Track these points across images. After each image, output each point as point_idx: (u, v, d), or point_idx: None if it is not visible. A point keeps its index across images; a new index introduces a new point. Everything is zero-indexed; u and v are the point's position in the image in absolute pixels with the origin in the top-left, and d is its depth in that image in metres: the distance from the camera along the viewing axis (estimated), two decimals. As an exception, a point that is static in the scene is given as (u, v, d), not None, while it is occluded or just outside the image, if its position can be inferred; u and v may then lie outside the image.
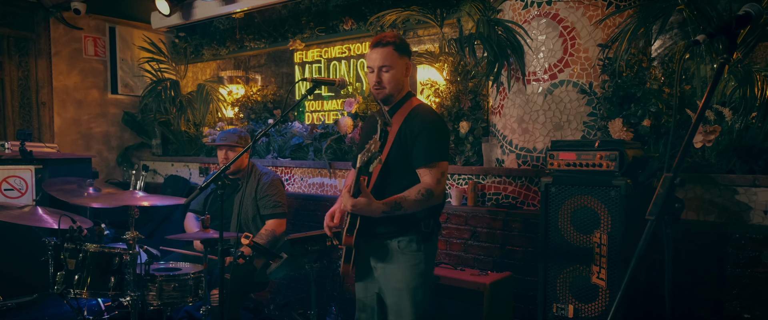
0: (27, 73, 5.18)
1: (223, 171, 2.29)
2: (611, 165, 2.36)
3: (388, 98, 2.26)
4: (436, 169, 2.17)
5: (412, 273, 2.24)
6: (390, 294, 2.28)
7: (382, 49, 2.19)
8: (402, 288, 2.24)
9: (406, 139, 2.18)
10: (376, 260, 2.30)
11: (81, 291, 2.76)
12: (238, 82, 5.51)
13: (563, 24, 3.07)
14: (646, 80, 2.91)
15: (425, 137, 2.17)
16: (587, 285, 2.41)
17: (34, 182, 3.84)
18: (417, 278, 2.25)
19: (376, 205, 2.05)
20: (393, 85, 2.22)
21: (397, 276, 2.24)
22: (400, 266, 2.24)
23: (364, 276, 2.39)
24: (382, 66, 2.19)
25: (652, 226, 1.33)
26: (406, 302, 2.24)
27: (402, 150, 2.19)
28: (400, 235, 2.23)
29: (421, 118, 2.20)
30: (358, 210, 2.05)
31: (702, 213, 2.69)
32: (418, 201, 2.13)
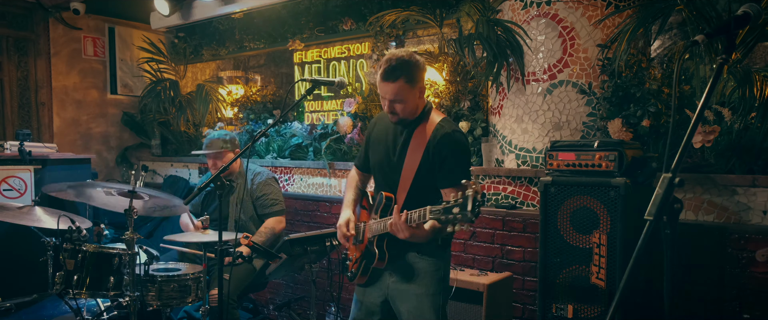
0: (26, 73, 5.18)
1: (218, 175, 2.28)
2: (610, 165, 2.36)
3: (403, 122, 2.22)
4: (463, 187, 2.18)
5: (431, 279, 2.22)
6: (408, 301, 2.23)
7: (393, 85, 2.11)
8: (422, 293, 2.21)
9: (434, 160, 2.15)
10: (391, 270, 2.27)
11: (80, 292, 2.76)
12: (238, 82, 5.51)
13: (562, 24, 3.07)
14: (646, 80, 2.91)
15: (455, 159, 2.15)
16: (586, 286, 2.41)
17: (33, 182, 3.84)
18: (437, 284, 2.24)
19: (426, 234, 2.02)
20: (407, 112, 2.18)
21: (416, 282, 2.22)
22: (419, 273, 2.22)
23: (370, 283, 2.35)
24: (394, 100, 2.14)
25: (650, 227, 1.33)
26: (427, 308, 2.21)
27: (431, 170, 2.17)
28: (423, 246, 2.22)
29: (449, 138, 2.15)
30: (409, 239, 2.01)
31: (701, 214, 2.69)
32: None
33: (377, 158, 2.34)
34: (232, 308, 3.18)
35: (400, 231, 1.99)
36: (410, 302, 2.23)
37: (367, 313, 2.38)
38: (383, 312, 2.36)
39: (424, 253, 2.23)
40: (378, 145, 2.34)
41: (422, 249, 2.23)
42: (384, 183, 2.29)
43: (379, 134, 2.36)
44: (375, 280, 2.34)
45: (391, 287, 2.29)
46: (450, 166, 2.14)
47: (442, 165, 2.14)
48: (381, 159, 2.31)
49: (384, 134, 2.33)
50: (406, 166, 2.17)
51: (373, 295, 2.36)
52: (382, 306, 2.34)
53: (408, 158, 2.18)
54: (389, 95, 2.13)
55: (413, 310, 2.23)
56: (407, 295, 2.24)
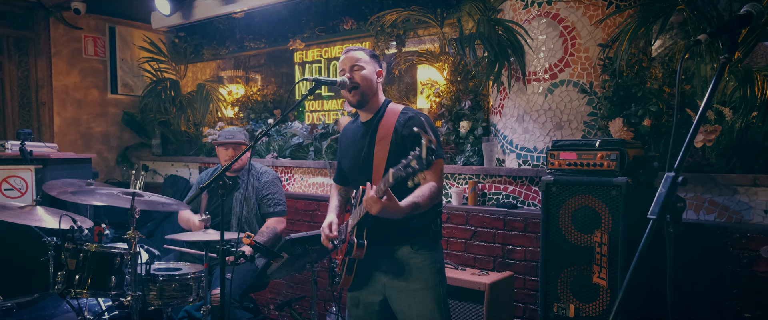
0: (27, 72, 5.18)
1: (225, 171, 2.29)
2: (612, 164, 2.36)
3: (364, 99, 2.26)
4: (436, 167, 2.18)
5: (429, 273, 2.22)
6: (408, 297, 2.22)
7: (353, 52, 2.27)
8: (421, 287, 2.21)
9: (404, 142, 2.19)
10: (385, 269, 2.26)
11: (81, 291, 2.76)
12: (238, 82, 5.51)
13: (563, 24, 3.07)
14: (647, 80, 2.91)
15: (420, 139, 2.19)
16: (588, 285, 2.41)
17: (34, 182, 3.84)
18: (435, 276, 2.24)
19: (400, 207, 2.01)
20: (365, 83, 2.25)
21: (414, 277, 2.21)
22: (415, 268, 2.22)
23: (363, 285, 2.33)
24: (354, 65, 2.25)
25: (653, 226, 1.34)
26: (429, 301, 2.20)
27: (400, 152, 2.17)
28: (413, 238, 2.23)
29: (414, 120, 2.21)
30: (383, 211, 1.99)
31: (702, 213, 2.69)
32: (431, 199, 2.13)
33: (349, 164, 2.38)
34: (233, 308, 3.18)
35: (373, 205, 1.96)
36: (410, 297, 2.22)
37: (366, 312, 2.35)
38: (382, 312, 2.33)
39: (419, 247, 2.23)
40: (348, 151, 2.39)
41: (415, 243, 2.23)
42: (362, 181, 2.26)
43: (346, 142, 2.42)
44: (366, 281, 2.31)
45: (387, 286, 2.27)
46: None
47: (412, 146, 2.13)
48: (353, 162, 2.34)
49: (351, 140, 2.38)
50: (376, 157, 2.20)
51: (370, 296, 2.33)
52: (381, 305, 2.32)
53: (377, 149, 2.21)
54: (349, 61, 2.24)
55: (415, 305, 2.21)
56: (406, 292, 2.23)
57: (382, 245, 2.23)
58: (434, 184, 2.15)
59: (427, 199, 2.12)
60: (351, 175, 2.41)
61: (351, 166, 2.37)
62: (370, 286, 2.32)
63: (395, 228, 2.18)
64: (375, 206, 1.96)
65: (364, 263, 2.25)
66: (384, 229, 2.17)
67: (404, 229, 2.20)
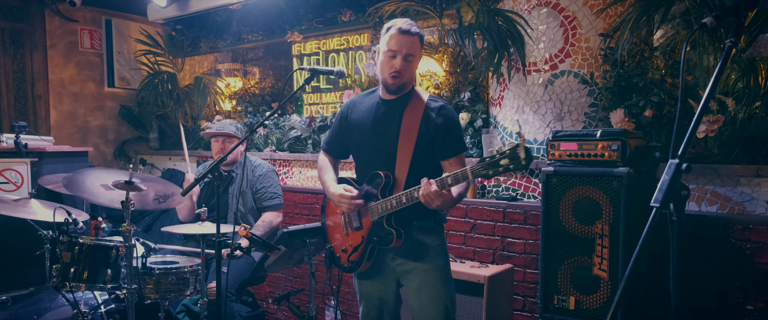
0: (22, 65, 5.14)
1: (219, 163, 2.25)
2: (613, 155, 2.32)
3: (400, 88, 2.20)
4: (463, 157, 2.22)
5: (437, 254, 2.24)
6: (417, 277, 2.23)
7: (412, 37, 2.11)
8: (430, 268, 2.23)
9: (434, 133, 2.15)
10: (394, 253, 2.26)
11: (77, 285, 2.73)
12: (236, 75, 5.47)
13: (564, 13, 3.03)
14: (648, 70, 2.88)
15: (455, 129, 2.20)
16: (589, 277, 2.38)
17: (30, 175, 3.81)
18: (444, 256, 2.27)
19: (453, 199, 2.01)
20: (410, 76, 2.19)
21: (423, 259, 2.22)
22: (425, 249, 2.23)
23: (375, 274, 2.33)
24: (409, 54, 2.12)
25: (657, 214, 1.31)
26: (438, 282, 2.23)
27: (429, 144, 2.17)
28: (424, 220, 2.23)
29: (443, 110, 2.19)
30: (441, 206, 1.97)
31: (705, 204, 2.66)
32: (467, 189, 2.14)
33: (363, 141, 2.29)
34: (230, 301, 3.15)
35: (434, 200, 1.93)
36: (419, 277, 2.24)
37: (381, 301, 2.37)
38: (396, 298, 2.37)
39: (430, 229, 2.25)
40: (361, 127, 2.29)
41: (426, 225, 2.24)
42: (377, 164, 2.22)
43: (360, 116, 2.31)
44: (378, 269, 2.32)
45: (398, 270, 2.29)
46: (452, 136, 2.17)
47: (444, 137, 2.16)
48: (369, 141, 2.26)
49: (367, 116, 2.28)
50: (403, 143, 2.15)
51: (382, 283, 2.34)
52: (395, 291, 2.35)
53: (403, 134, 2.15)
54: (406, 48, 2.09)
55: (424, 286, 2.23)
56: (416, 272, 2.24)
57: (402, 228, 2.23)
58: None
59: (464, 190, 2.11)
60: (364, 154, 2.32)
61: (367, 145, 2.27)
62: (382, 274, 2.33)
63: (414, 215, 2.19)
64: (437, 200, 1.93)
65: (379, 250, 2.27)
66: (406, 217, 2.17)
67: (420, 214, 2.21)
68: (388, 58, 2.13)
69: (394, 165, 2.17)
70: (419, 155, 2.15)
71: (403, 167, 2.15)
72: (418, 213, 2.17)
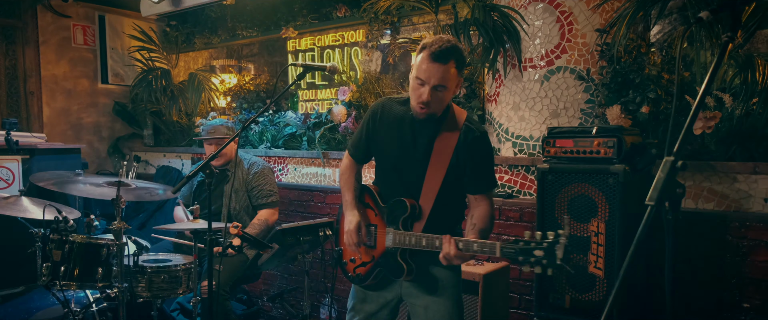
0: (14, 61, 5.08)
1: (209, 161, 2.22)
2: (609, 152, 2.30)
3: (430, 117, 1.98)
4: (492, 193, 2.09)
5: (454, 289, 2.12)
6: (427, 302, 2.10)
7: (443, 67, 1.84)
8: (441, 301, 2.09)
9: (465, 164, 2.00)
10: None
11: (68, 283, 2.70)
12: (231, 71, 5.43)
13: (560, 9, 3.00)
14: (645, 66, 2.85)
15: (487, 163, 2.06)
16: (584, 275, 2.36)
17: (21, 172, 3.77)
18: (457, 287, 2.15)
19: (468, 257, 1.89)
20: (440, 107, 1.96)
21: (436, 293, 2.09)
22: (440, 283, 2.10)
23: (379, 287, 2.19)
24: (439, 85, 1.86)
25: (652, 212, 1.28)
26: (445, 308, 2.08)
27: (458, 176, 2.02)
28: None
29: (480, 141, 2.02)
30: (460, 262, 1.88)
31: (701, 201, 2.64)
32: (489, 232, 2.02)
33: (390, 153, 2.11)
34: (223, 299, 3.12)
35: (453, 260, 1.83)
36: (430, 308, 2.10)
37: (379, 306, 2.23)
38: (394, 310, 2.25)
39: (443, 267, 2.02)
40: (389, 138, 2.09)
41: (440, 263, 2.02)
42: (400, 184, 2.08)
43: (389, 126, 2.10)
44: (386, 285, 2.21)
45: (404, 292, 2.17)
46: (483, 171, 2.04)
47: (474, 170, 2.01)
48: (396, 155, 2.08)
49: (396, 127, 2.07)
50: (432, 171, 1.98)
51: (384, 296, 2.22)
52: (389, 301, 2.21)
53: (433, 161, 1.97)
54: (435, 79, 1.83)
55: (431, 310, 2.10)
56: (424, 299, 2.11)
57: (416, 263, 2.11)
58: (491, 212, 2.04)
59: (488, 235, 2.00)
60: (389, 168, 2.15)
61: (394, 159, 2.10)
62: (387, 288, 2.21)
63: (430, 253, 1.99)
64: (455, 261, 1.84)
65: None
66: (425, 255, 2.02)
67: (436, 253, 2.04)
68: (417, 85, 1.89)
69: (419, 194, 2.02)
70: (447, 187, 2.00)
71: (428, 197, 1.99)
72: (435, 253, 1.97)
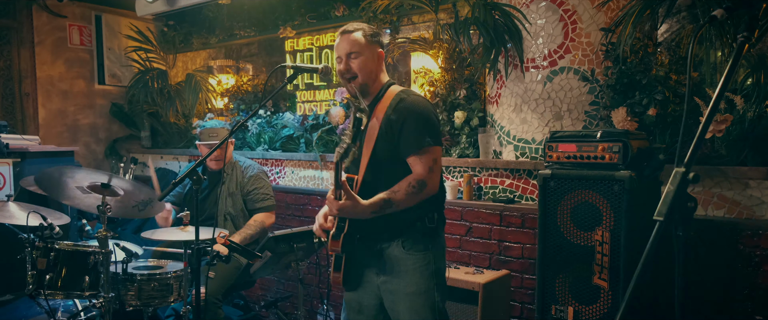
0: (9, 62, 5.01)
1: (195, 167, 2.13)
2: (614, 157, 2.19)
3: (364, 88, 2.10)
4: (427, 156, 1.99)
5: (423, 275, 2.05)
6: (401, 302, 2.06)
7: (349, 35, 2.08)
8: (413, 292, 2.04)
9: (393, 128, 2.01)
10: (377, 269, 2.11)
11: (53, 292, 2.62)
12: (228, 72, 5.34)
13: (564, 7, 2.89)
14: (652, 66, 2.74)
15: (413, 121, 2.00)
16: (588, 286, 2.25)
17: (12, 176, 3.69)
18: (430, 279, 2.06)
19: (362, 207, 1.89)
20: (364, 72, 2.08)
21: (406, 280, 2.05)
22: (408, 270, 2.05)
23: (358, 285, 2.18)
24: (351, 52, 2.06)
25: (661, 228, 1.18)
26: (422, 307, 2.04)
27: (390, 141, 2.02)
28: (401, 236, 2.05)
29: (406, 102, 2.04)
30: (344, 214, 1.90)
31: (711, 208, 2.53)
32: (410, 194, 1.95)
33: None
34: (216, 307, 3.03)
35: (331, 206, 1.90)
36: (404, 302, 2.07)
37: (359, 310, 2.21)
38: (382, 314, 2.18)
39: (410, 246, 2.05)
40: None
41: (406, 241, 2.05)
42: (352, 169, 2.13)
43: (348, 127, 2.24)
44: (359, 281, 2.17)
45: (381, 289, 2.13)
46: (409, 130, 2.00)
47: (401, 132, 2.01)
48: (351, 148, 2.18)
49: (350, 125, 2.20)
50: (366, 146, 2.05)
51: (367, 298, 2.19)
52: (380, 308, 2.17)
53: (367, 134, 2.05)
54: (345, 48, 2.06)
55: (407, 311, 2.06)
56: (399, 296, 2.07)
57: (370, 242, 2.08)
58: (418, 176, 1.98)
59: (403, 195, 1.95)
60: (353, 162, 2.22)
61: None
62: (365, 287, 2.17)
63: (380, 224, 2.00)
64: (332, 207, 1.88)
65: (353, 261, 2.10)
66: (368, 224, 1.99)
67: (391, 225, 2.03)
68: (337, 64, 2.11)
69: (359, 168, 2.07)
70: (377, 154, 2.03)
71: (362, 168, 2.04)
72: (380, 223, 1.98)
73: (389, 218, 1.99)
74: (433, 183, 2.02)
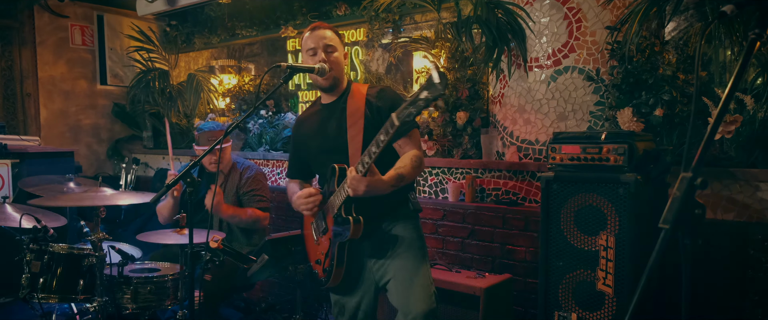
0: (10, 63, 5.00)
1: (189, 170, 2.08)
2: (619, 159, 2.12)
3: (335, 82, 2.17)
4: (415, 136, 2.12)
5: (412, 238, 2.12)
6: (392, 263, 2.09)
7: (324, 30, 2.16)
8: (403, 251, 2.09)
9: (381, 113, 2.06)
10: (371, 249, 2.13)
11: (47, 296, 2.58)
12: (230, 72, 5.30)
13: (568, 5, 2.82)
14: (659, 66, 2.66)
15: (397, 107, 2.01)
16: (592, 292, 2.19)
17: (11, 177, 3.66)
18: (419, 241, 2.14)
19: (386, 183, 1.92)
20: (337, 67, 2.15)
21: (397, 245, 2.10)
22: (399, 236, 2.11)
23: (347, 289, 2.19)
24: (328, 45, 2.13)
25: (666, 237, 1.11)
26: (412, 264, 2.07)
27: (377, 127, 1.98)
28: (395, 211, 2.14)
29: (383, 92, 2.16)
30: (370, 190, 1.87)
31: (720, 212, 2.45)
32: (415, 168, 2.04)
33: (315, 149, 2.24)
34: (212, 311, 2.98)
35: (358, 186, 1.86)
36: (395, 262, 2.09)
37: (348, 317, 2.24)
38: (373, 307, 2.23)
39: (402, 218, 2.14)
40: (310, 139, 2.25)
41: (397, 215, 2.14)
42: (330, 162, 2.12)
43: (308, 129, 2.28)
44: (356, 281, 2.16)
45: (377, 273, 2.13)
46: None
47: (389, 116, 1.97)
48: (319, 147, 2.21)
49: (313, 125, 2.26)
50: (350, 134, 2.08)
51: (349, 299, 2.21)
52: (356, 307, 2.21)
53: (349, 124, 2.09)
54: (322, 41, 2.11)
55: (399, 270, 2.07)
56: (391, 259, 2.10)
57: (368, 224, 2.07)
58: (417, 153, 2.07)
59: (410, 169, 2.02)
60: (318, 161, 2.25)
61: (319, 151, 2.22)
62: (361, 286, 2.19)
63: (380, 204, 2.04)
64: (360, 186, 1.85)
65: (354, 248, 2.10)
66: (369, 206, 2.01)
67: (387, 204, 2.09)
68: (310, 57, 2.15)
69: (347, 158, 2.08)
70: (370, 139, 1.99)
71: (355, 156, 2.06)
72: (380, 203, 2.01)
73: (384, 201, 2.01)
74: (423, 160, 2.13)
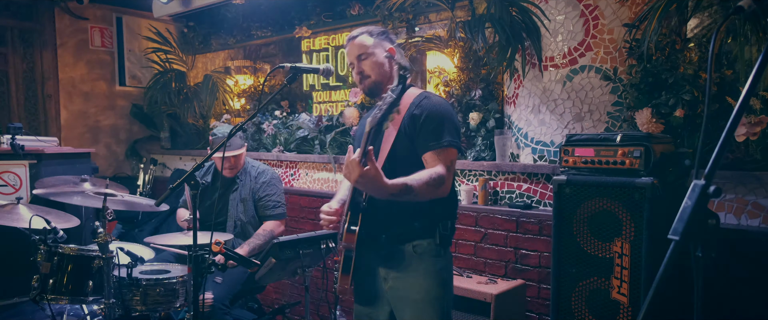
0: (32, 65, 5.08)
1: (193, 172, 2.05)
2: (635, 162, 2.02)
3: (377, 87, 2.05)
4: (446, 155, 1.90)
5: (433, 282, 1.97)
6: (408, 309, 1.97)
7: (354, 41, 2.09)
8: (422, 298, 1.95)
9: (415, 123, 1.93)
10: (387, 269, 2.02)
11: (56, 297, 2.59)
12: (246, 73, 5.30)
13: (585, 2, 2.72)
14: (680, 64, 2.55)
15: (435, 118, 1.93)
16: (606, 301, 2.09)
17: (28, 178, 3.71)
18: (439, 287, 1.98)
19: (384, 183, 1.72)
20: (376, 71, 2.04)
21: (415, 286, 1.96)
22: (419, 274, 1.97)
23: (370, 299, 2.10)
24: (359, 54, 2.06)
25: (676, 248, 1.03)
26: (430, 315, 1.95)
27: (409, 139, 1.94)
28: (418, 238, 1.97)
29: (427, 101, 1.98)
30: (364, 183, 1.71)
31: (744, 217, 2.33)
32: (430, 186, 1.83)
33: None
34: (222, 313, 2.97)
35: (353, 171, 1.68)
36: (411, 310, 1.97)
37: None
38: None
39: (422, 252, 1.97)
40: (355, 141, 2.18)
41: (419, 246, 1.97)
42: None
43: (360, 130, 2.20)
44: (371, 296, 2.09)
45: (389, 295, 2.04)
46: (431, 127, 1.91)
47: (421, 129, 1.92)
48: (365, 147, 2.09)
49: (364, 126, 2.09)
50: (384, 142, 1.95)
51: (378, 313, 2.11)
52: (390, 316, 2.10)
53: (385, 133, 1.96)
54: (354, 52, 2.06)
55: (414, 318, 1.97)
56: (406, 302, 1.98)
57: (382, 245, 2.00)
58: (440, 171, 1.86)
59: (424, 185, 1.81)
60: None
61: None
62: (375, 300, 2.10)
63: (396, 226, 1.95)
64: (354, 172, 1.67)
65: (362, 264, 1.99)
66: (383, 225, 1.94)
67: (406, 228, 1.96)
68: (351, 70, 2.11)
69: None
70: (396, 152, 1.93)
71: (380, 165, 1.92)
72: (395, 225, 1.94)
73: (405, 219, 1.94)
74: (448, 184, 1.92)
